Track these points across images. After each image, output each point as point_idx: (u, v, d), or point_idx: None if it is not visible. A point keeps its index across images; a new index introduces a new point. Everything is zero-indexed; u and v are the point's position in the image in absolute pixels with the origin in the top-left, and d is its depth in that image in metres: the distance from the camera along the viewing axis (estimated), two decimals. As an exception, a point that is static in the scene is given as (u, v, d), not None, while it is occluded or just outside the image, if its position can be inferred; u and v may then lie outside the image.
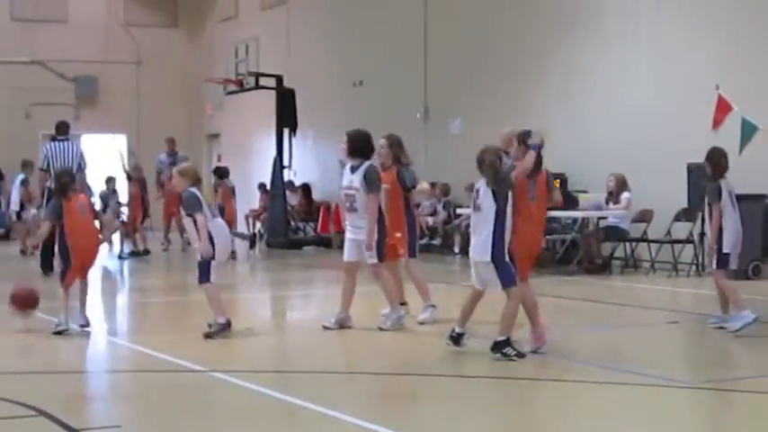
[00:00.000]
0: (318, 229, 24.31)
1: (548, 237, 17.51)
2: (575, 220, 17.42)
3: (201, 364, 8.86)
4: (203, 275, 10.51)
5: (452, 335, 9.37)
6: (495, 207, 8.87)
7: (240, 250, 21.30)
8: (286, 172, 23.70)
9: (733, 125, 15.51)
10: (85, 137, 27.83)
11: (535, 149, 9.20)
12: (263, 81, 23.74)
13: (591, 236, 16.93)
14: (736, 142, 15.14)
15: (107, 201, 21.12)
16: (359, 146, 10.70)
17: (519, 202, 9.06)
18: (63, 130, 17.03)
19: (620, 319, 12.13)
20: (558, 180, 17.47)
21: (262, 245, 24.28)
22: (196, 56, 30.68)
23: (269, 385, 8.02)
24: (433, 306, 11.17)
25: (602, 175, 16.97)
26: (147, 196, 21.43)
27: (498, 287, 8.97)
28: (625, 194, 16.61)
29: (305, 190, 25.09)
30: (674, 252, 16.00)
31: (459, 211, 19.43)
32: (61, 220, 10.87)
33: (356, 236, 10.63)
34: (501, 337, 8.96)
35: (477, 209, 9.03)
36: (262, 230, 25.45)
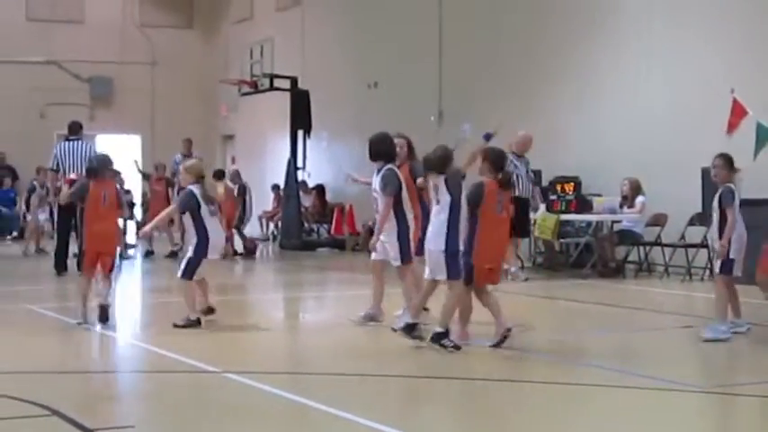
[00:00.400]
0: (332, 231, 24.31)
1: (562, 240, 17.55)
2: (589, 223, 17.39)
3: (214, 364, 8.88)
4: (186, 272, 10.84)
5: (405, 326, 9.63)
6: (449, 199, 9.38)
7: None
8: (300, 173, 23.71)
9: (748, 129, 15.46)
10: (100, 137, 27.95)
11: (486, 138, 9.79)
12: (277, 82, 23.79)
13: (605, 239, 16.90)
14: (751, 147, 15.08)
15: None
16: (380, 149, 10.71)
17: (487, 212, 9.52)
18: (75, 129, 17.08)
19: (633, 322, 12.11)
20: (573, 183, 17.56)
21: (275, 246, 24.35)
22: (211, 57, 30.74)
23: (281, 386, 8.02)
24: (426, 309, 11.18)
25: (617, 178, 16.94)
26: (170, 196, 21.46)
27: (444, 276, 9.40)
28: (639, 198, 16.58)
29: (319, 191, 25.11)
30: (687, 256, 15.96)
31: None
32: (84, 202, 11.02)
33: (382, 236, 10.67)
34: (440, 328, 9.34)
35: (437, 203, 9.51)
36: (275, 231, 25.52)
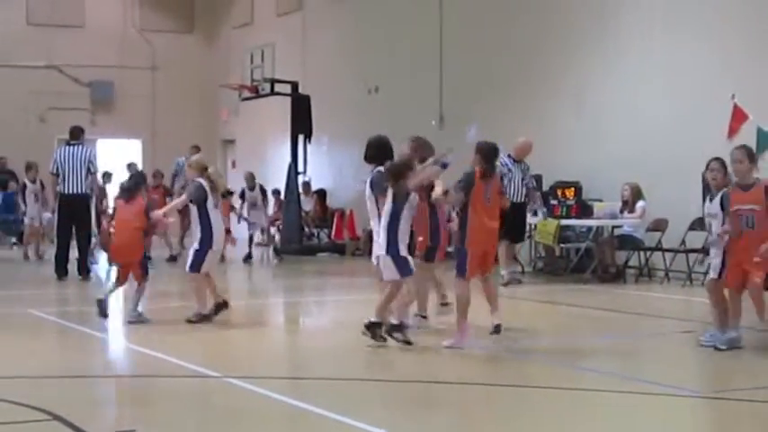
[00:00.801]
0: (332, 236, 24.31)
1: (562, 245, 17.54)
2: (589, 228, 17.39)
3: (215, 369, 8.89)
4: (194, 264, 10.87)
5: (369, 323, 9.82)
6: (392, 208, 9.77)
7: (255, 257, 21.35)
8: (300, 178, 23.71)
9: (748, 135, 15.45)
10: (101, 142, 27.96)
11: (443, 166, 10.23)
12: (278, 87, 23.79)
13: (605, 244, 16.90)
14: (752, 152, 15.07)
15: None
16: (372, 152, 10.54)
17: (476, 202, 10.03)
18: (76, 134, 17.27)
19: (633, 327, 12.10)
20: (573, 188, 17.56)
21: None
22: (212, 62, 30.74)
23: (282, 391, 8.04)
24: (424, 317, 11.20)
25: (617, 183, 16.95)
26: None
27: (397, 276, 9.74)
28: (640, 203, 16.59)
29: (319, 196, 25.11)
30: (688, 261, 15.94)
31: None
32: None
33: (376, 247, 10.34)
34: (375, 318, 9.78)
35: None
36: (276, 236, 25.47)
